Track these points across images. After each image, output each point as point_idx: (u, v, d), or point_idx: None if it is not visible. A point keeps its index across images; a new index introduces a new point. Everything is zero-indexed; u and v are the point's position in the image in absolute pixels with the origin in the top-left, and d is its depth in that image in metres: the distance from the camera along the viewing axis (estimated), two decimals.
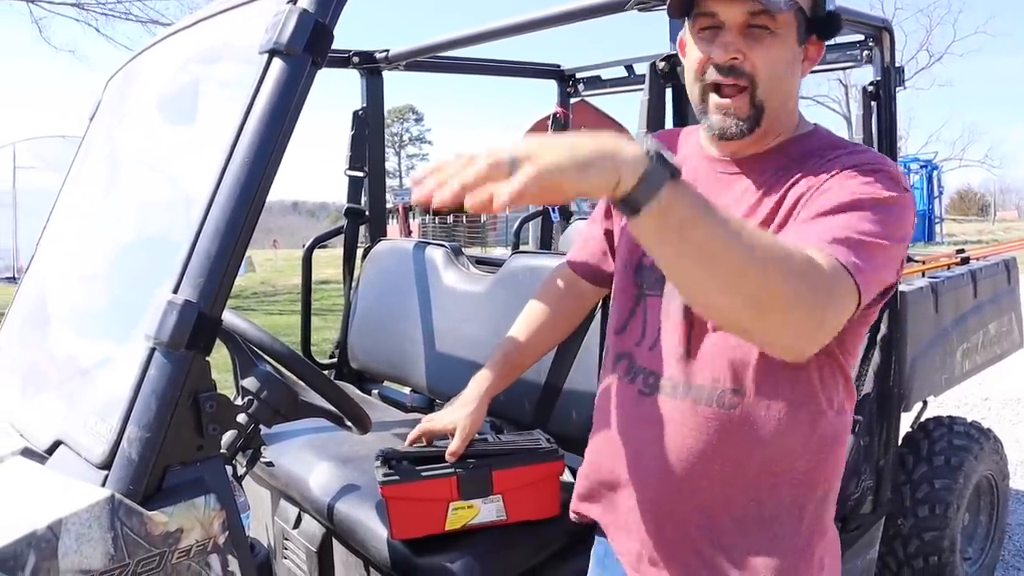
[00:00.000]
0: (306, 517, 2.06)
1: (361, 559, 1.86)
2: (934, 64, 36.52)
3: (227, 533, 1.21)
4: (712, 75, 1.20)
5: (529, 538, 1.68)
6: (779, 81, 1.20)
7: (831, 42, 2.77)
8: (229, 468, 1.43)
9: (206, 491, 1.20)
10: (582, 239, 1.63)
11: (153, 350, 1.19)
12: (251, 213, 1.24)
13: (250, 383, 1.60)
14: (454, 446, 1.58)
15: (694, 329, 1.25)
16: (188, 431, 1.21)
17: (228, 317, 1.58)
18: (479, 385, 1.63)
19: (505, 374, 1.64)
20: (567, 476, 1.97)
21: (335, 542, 1.96)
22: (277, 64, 1.26)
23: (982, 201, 50.45)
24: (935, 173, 23.44)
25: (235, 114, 1.27)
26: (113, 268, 1.67)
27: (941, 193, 24.80)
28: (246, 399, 1.59)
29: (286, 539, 2.13)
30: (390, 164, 67.11)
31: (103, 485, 1.16)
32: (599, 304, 1.75)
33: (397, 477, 1.57)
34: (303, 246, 3.08)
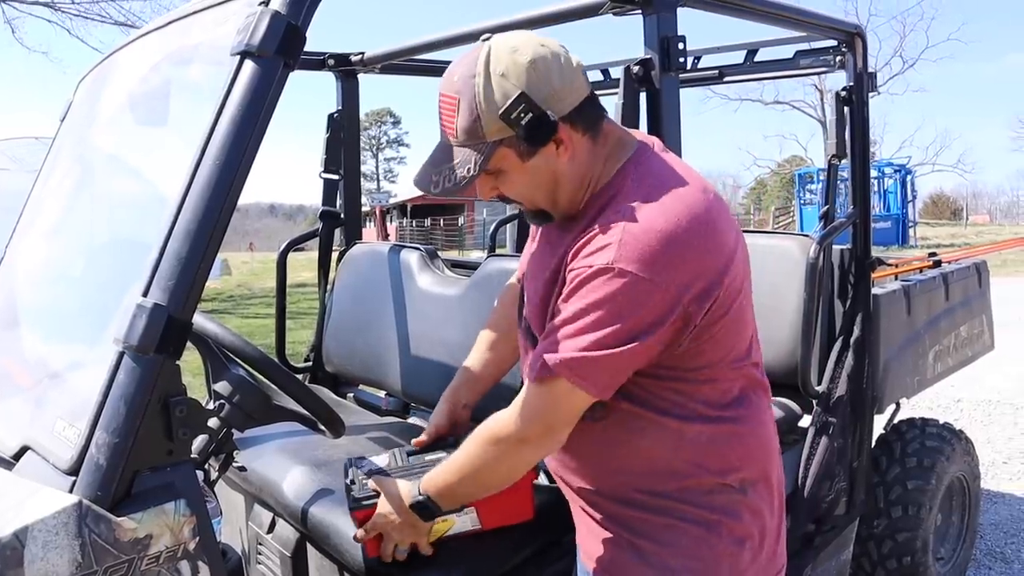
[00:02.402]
0: (280, 522, 2.04)
1: (335, 564, 1.84)
2: (908, 70, 36.90)
3: (197, 539, 1.20)
4: None
5: (506, 541, 1.68)
6: (536, 191, 1.30)
7: (805, 47, 2.83)
8: (201, 473, 1.42)
9: (176, 496, 1.19)
10: (523, 257, 1.71)
11: (122, 354, 1.18)
12: (222, 215, 1.22)
13: (222, 387, 1.58)
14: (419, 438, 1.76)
15: None
16: (158, 436, 1.19)
17: (199, 320, 1.56)
18: (450, 390, 1.81)
19: (470, 393, 1.81)
20: (542, 479, 1.97)
21: (309, 547, 1.95)
22: (249, 66, 1.26)
23: (954, 205, 51.08)
24: (909, 177, 23.67)
25: (207, 116, 1.27)
26: (83, 271, 1.65)
27: (915, 197, 25.07)
28: (218, 403, 1.58)
29: (260, 544, 2.11)
30: (367, 167, 66.87)
31: (71, 491, 1.15)
32: None
33: (369, 501, 1.57)
34: (280, 249, 3.06)
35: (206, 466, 1.56)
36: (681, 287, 1.17)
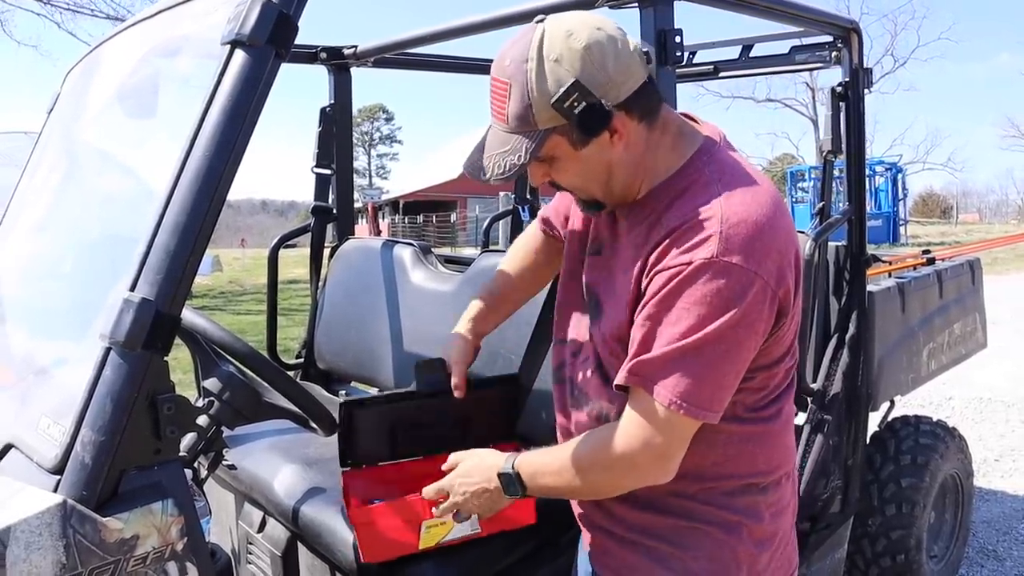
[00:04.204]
0: (271, 521, 2.01)
1: (327, 563, 1.82)
2: (899, 69, 37.00)
3: (185, 539, 1.17)
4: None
5: (502, 540, 1.66)
6: (589, 180, 1.25)
7: (799, 42, 2.82)
8: (190, 472, 1.39)
9: (164, 496, 1.16)
10: (551, 208, 1.64)
11: (109, 350, 1.15)
12: (212, 209, 1.20)
13: (212, 384, 1.56)
14: (455, 381, 1.63)
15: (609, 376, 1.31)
16: (145, 434, 1.17)
17: (189, 316, 1.54)
18: (467, 316, 1.70)
19: (494, 306, 1.71)
20: None
21: (300, 546, 1.93)
22: (239, 56, 1.22)
23: (944, 204, 51.26)
24: (900, 176, 23.75)
25: (196, 107, 1.24)
26: (70, 265, 1.62)
27: (905, 195, 25.12)
28: (207, 400, 1.55)
29: (250, 543, 2.08)
30: (360, 163, 66.62)
31: (55, 490, 1.12)
32: None
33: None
34: (271, 245, 3.02)
35: (195, 464, 1.54)
36: (779, 279, 1.14)
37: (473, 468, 1.39)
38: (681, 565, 1.29)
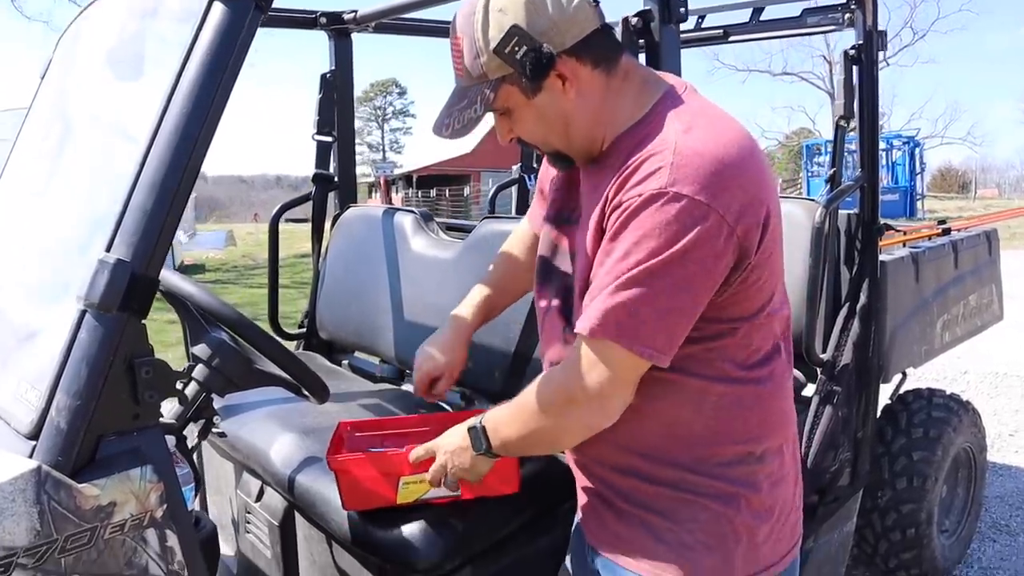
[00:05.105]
0: (268, 490, 1.99)
1: (323, 533, 1.80)
2: (917, 41, 36.48)
3: (165, 507, 1.14)
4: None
5: (496, 510, 1.63)
6: (547, 130, 1.24)
7: (811, 4, 2.73)
8: (172, 439, 1.36)
9: (142, 462, 1.13)
10: (533, 205, 1.67)
11: (84, 313, 1.12)
12: (190, 167, 1.16)
13: (201, 350, 1.52)
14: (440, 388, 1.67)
15: (571, 323, 1.28)
16: (123, 399, 1.13)
17: (175, 281, 1.50)
18: (457, 324, 1.68)
19: (482, 313, 1.70)
20: None
21: (297, 516, 1.90)
22: (217, 9, 1.18)
23: (963, 179, 50.68)
24: (917, 150, 23.46)
25: (175, 63, 1.19)
26: (53, 228, 1.58)
27: (923, 170, 24.83)
28: (189, 365, 1.52)
29: (248, 513, 2.06)
30: (374, 137, 66.25)
31: (31, 456, 1.09)
32: None
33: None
34: (285, 220, 3.00)
35: (184, 432, 1.51)
36: (739, 216, 1.09)
37: (455, 428, 1.41)
38: (676, 538, 1.24)
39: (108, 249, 1.13)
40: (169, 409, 1.51)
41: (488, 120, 1.27)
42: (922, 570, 2.91)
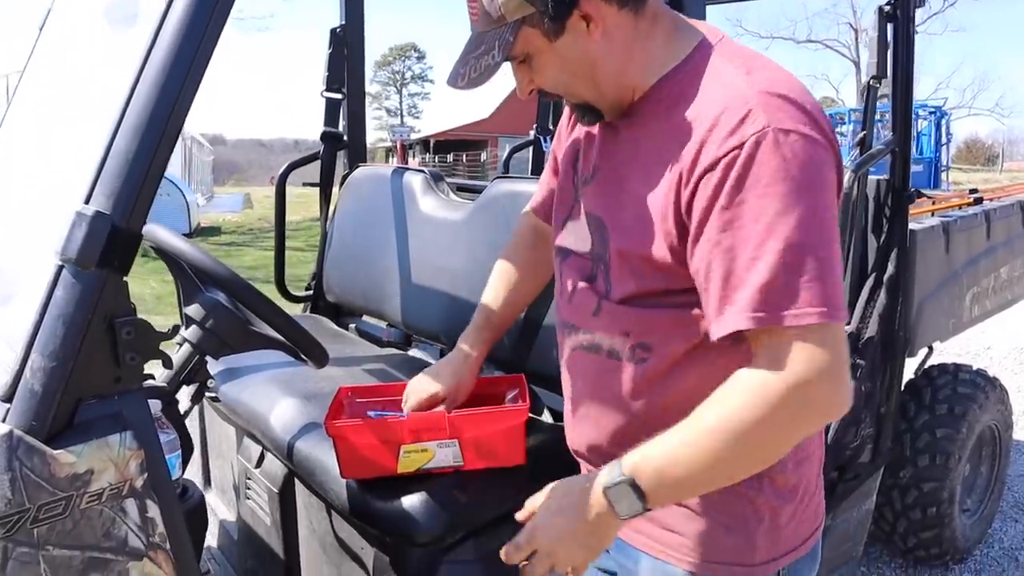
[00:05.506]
0: (268, 456, 1.93)
1: (323, 502, 1.74)
2: (947, 8, 35.65)
3: (146, 475, 1.07)
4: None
5: (499, 486, 1.55)
6: (572, 77, 1.12)
7: None
8: (157, 403, 1.29)
9: (123, 428, 1.06)
10: (541, 184, 1.55)
11: (61, 268, 1.04)
12: (176, 111, 1.08)
13: (194, 311, 1.45)
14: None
15: (600, 290, 1.18)
16: (103, 361, 1.06)
17: (166, 236, 1.43)
18: (466, 352, 1.56)
19: (490, 336, 1.58)
20: (547, 416, 1.84)
21: (297, 483, 1.84)
22: None
23: (989, 151, 49.84)
24: (944, 120, 23.01)
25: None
26: (37, 181, 1.51)
27: (949, 140, 24.36)
28: (190, 327, 1.45)
29: (249, 479, 2.01)
30: (391, 102, 65.87)
31: (3, 420, 1.02)
32: None
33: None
34: (303, 183, 2.91)
35: (175, 397, 1.45)
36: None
37: (559, 501, 1.09)
38: (694, 518, 1.16)
39: (87, 201, 1.05)
40: (163, 373, 1.44)
41: (508, 84, 1.17)
42: (942, 550, 2.83)
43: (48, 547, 1.00)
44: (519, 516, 1.16)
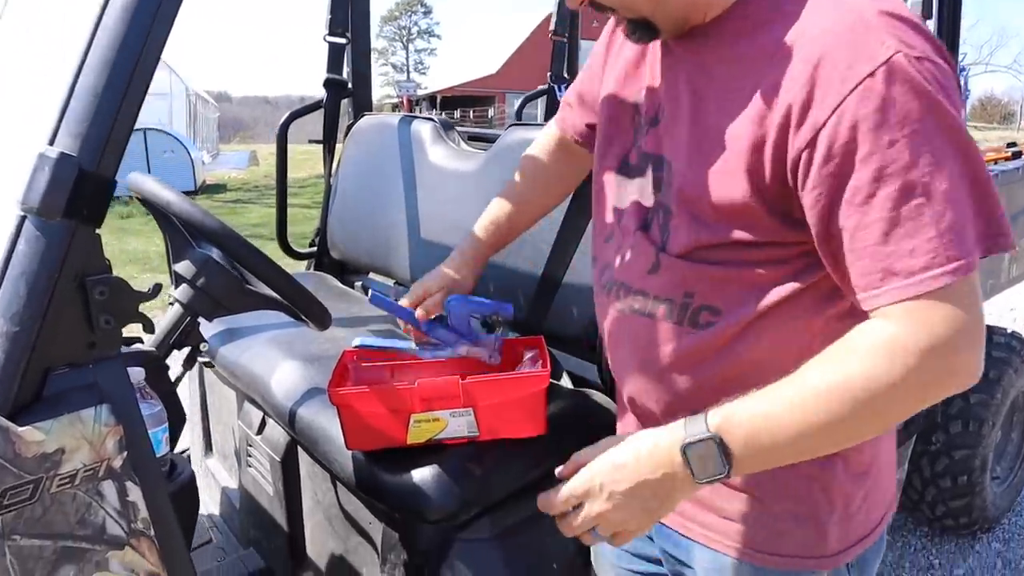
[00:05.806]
0: (270, 422, 1.82)
1: (328, 472, 1.63)
2: None
3: (125, 454, 0.95)
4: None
5: (517, 459, 1.43)
6: None
7: None
8: (140, 371, 1.16)
9: (99, 400, 0.94)
10: (564, 105, 1.39)
11: (23, 219, 0.91)
12: (152, 39, 0.93)
13: (184, 268, 1.33)
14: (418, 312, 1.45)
15: (658, 245, 1.02)
16: (74, 324, 0.94)
17: (151, 186, 1.30)
18: (467, 245, 1.47)
19: (502, 232, 1.48)
20: (566, 381, 1.72)
21: (300, 451, 1.73)
22: None
23: (1006, 110, 49.06)
24: (962, 76, 22.59)
25: None
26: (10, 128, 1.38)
27: (967, 98, 23.95)
28: (180, 286, 1.32)
29: (250, 446, 1.90)
30: (398, 58, 65.21)
31: None
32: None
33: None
34: (308, 140, 2.76)
35: (166, 362, 1.33)
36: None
37: (623, 452, 0.93)
38: (759, 506, 1.03)
39: (51, 143, 0.92)
40: (151, 337, 1.32)
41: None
42: (971, 519, 2.72)
43: (15, 536, 0.89)
44: (560, 471, 1.00)
